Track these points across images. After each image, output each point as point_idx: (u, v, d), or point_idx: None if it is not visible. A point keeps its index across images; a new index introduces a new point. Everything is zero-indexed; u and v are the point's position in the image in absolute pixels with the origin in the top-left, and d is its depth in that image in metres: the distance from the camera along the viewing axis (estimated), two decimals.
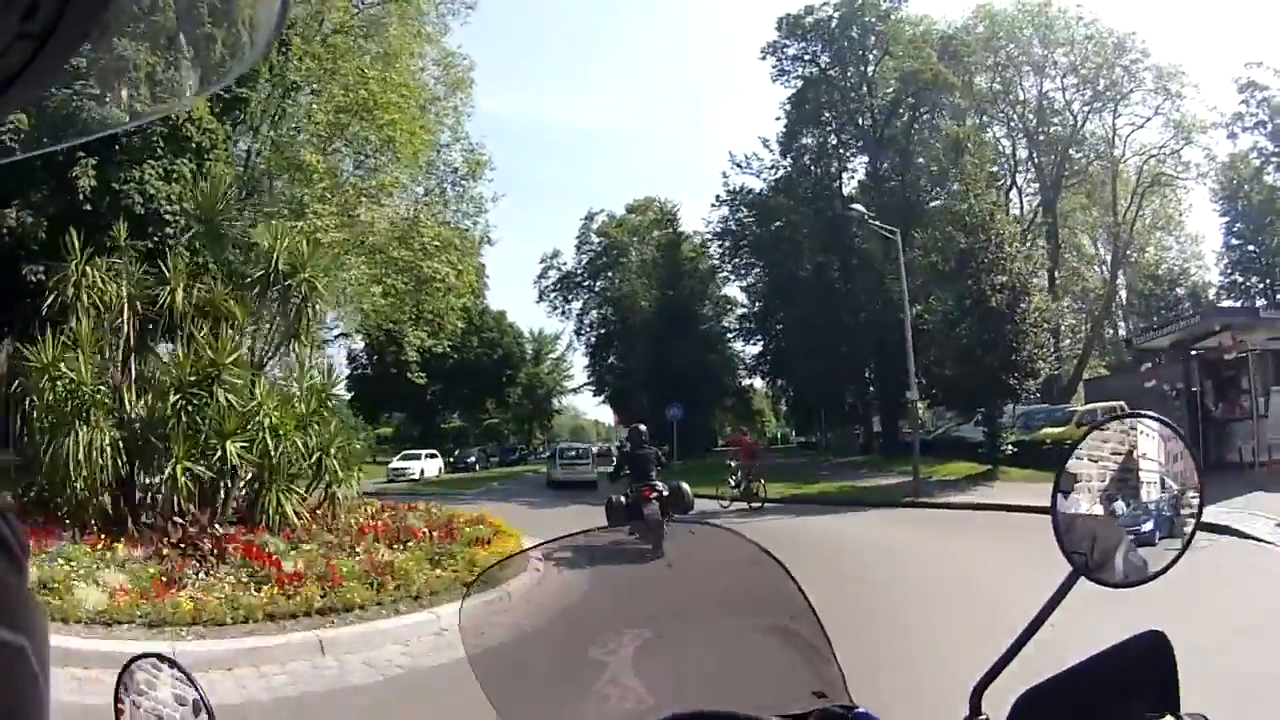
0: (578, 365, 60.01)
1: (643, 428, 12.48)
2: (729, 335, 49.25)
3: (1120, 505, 1.09)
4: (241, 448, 9.54)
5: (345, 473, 10.56)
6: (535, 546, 1.59)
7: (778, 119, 41.52)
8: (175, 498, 9.18)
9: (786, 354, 38.86)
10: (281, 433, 9.81)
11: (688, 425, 31.81)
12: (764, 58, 37.23)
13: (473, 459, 45.97)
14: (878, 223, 24.72)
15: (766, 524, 15.11)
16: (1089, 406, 25.93)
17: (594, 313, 54.58)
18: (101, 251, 10.76)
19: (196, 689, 1.21)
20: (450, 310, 26.80)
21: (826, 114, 36.38)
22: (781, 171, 38.20)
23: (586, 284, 54.29)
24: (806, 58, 36.50)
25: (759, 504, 18.85)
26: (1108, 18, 38.31)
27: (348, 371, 52.67)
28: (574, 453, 30.85)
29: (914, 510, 17.61)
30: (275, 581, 7.41)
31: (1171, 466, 1.08)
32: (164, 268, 10.89)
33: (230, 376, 9.94)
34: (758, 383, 53.06)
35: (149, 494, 9.84)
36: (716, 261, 45.35)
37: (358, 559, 8.41)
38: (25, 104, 0.51)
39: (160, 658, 1.27)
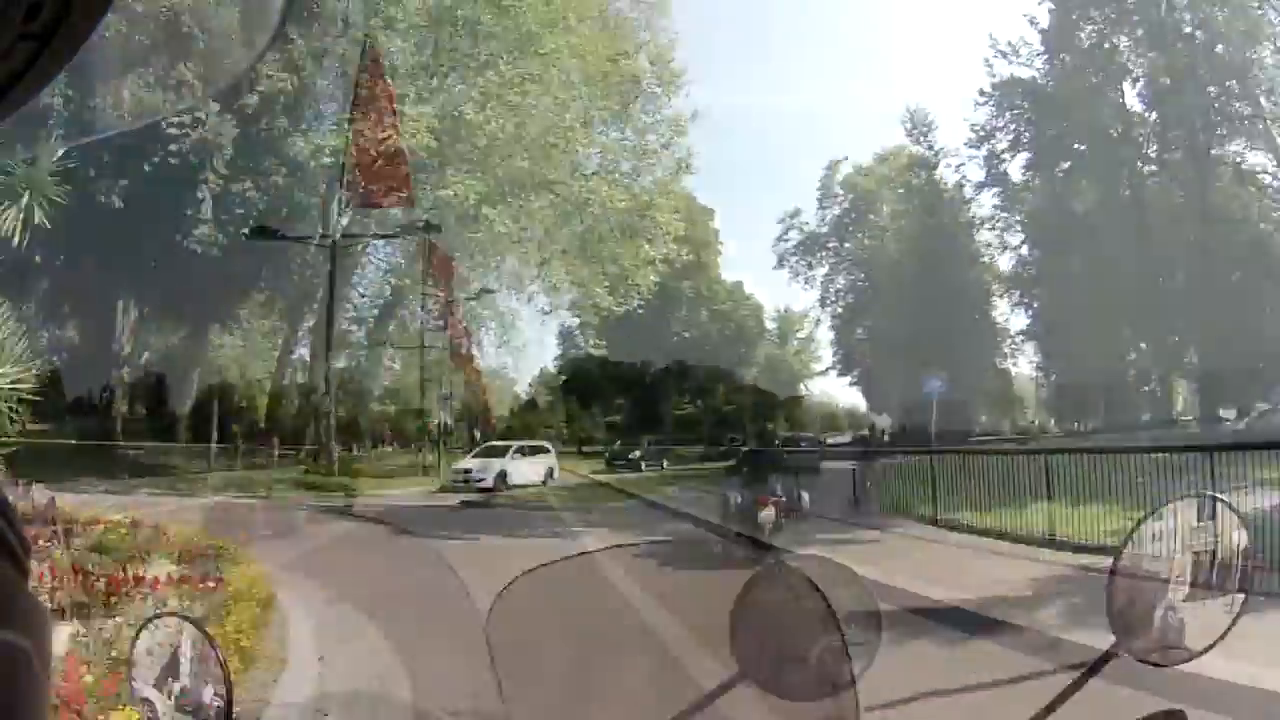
0: (825, 345, 54.41)
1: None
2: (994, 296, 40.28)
3: (1177, 580, 1.13)
4: None
5: None
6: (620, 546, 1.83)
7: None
8: None
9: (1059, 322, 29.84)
10: None
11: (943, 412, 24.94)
12: None
13: (637, 454, 32.94)
14: None
15: None
16: None
17: (840, 279, 49.21)
18: None
19: (214, 648, 1.27)
20: (643, 264, 22.33)
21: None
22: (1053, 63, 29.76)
23: (831, 245, 49.31)
24: None
25: None
26: None
27: (557, 350, 48.91)
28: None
29: None
30: None
31: (1228, 543, 1.13)
32: None
33: None
34: (1023, 364, 42.79)
35: None
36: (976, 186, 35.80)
37: None
38: (27, 103, 0.49)
39: (182, 617, 1.36)
